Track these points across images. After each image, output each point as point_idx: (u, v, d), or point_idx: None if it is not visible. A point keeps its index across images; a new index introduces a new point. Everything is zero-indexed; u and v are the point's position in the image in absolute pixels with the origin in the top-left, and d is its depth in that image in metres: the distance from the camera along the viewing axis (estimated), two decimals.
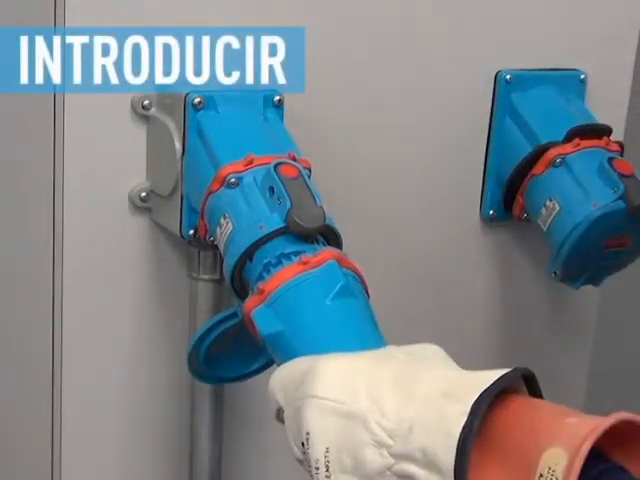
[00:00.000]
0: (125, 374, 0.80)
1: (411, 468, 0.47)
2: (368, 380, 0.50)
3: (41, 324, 0.78)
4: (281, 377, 0.55)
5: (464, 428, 0.44)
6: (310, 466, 0.50)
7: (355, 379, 0.51)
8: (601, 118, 0.88)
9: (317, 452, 0.50)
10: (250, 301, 0.61)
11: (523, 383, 0.48)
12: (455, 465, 0.44)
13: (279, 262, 0.61)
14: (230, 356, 0.72)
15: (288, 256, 0.62)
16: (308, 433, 0.50)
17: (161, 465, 0.84)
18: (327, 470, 0.49)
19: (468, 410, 0.45)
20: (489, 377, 0.46)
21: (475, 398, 0.45)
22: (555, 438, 0.42)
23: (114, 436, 0.82)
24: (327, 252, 0.61)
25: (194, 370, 0.72)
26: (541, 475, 0.42)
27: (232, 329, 0.70)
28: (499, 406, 0.46)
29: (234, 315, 0.69)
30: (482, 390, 0.45)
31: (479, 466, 0.45)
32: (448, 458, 0.44)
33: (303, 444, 0.50)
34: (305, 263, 0.60)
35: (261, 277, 0.61)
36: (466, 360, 0.53)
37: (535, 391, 0.48)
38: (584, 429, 0.42)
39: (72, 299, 0.77)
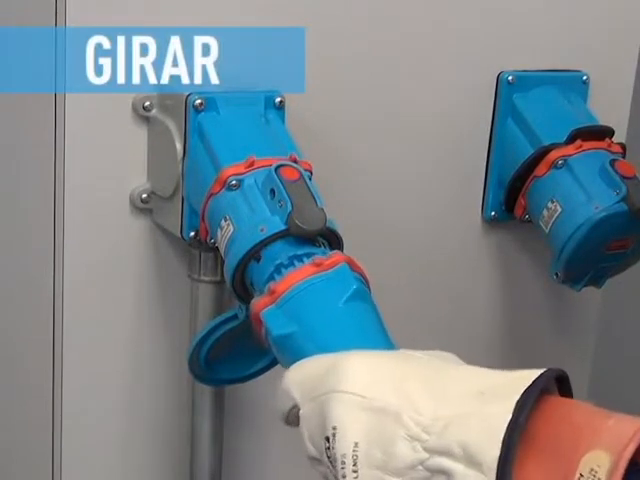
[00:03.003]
0: (125, 375, 0.80)
1: (446, 462, 0.46)
2: (395, 377, 0.50)
3: (41, 325, 0.78)
4: (299, 373, 0.54)
5: (510, 423, 0.44)
6: (334, 461, 0.49)
7: (382, 376, 0.50)
8: (603, 119, 0.88)
9: (345, 446, 0.49)
10: (260, 302, 0.60)
11: (554, 383, 0.48)
12: (499, 460, 0.44)
13: (291, 263, 0.61)
14: (231, 358, 0.72)
15: (300, 257, 0.61)
16: (335, 428, 0.49)
17: (161, 466, 0.84)
18: (354, 464, 0.48)
19: (513, 406, 0.45)
20: (525, 376, 0.46)
21: (520, 394, 0.45)
22: (597, 440, 0.43)
23: (114, 437, 0.82)
24: (338, 255, 0.61)
25: (195, 372, 0.72)
26: (581, 475, 0.42)
27: (233, 331, 0.70)
28: (535, 405, 0.46)
29: (235, 317, 0.69)
30: (526, 387, 0.45)
31: (518, 463, 0.45)
32: (491, 453, 0.44)
33: (328, 439, 0.49)
34: (318, 265, 0.60)
35: (272, 278, 0.61)
36: (468, 361, 0.52)
37: (565, 392, 0.48)
38: (626, 431, 0.42)
39: (73, 300, 0.76)
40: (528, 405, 0.45)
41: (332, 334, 0.58)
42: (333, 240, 0.64)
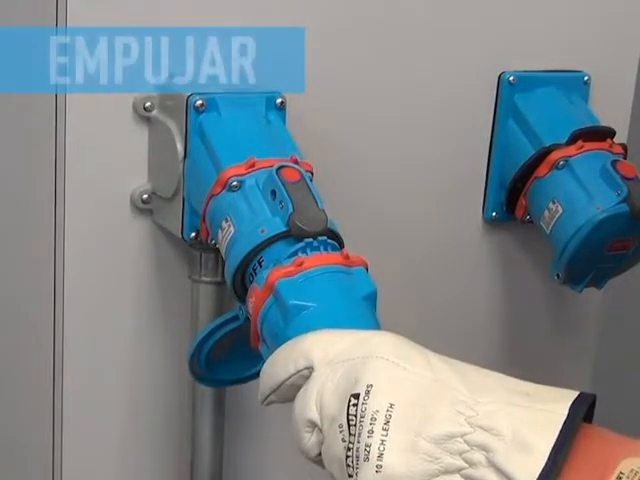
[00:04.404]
0: (126, 376, 0.80)
1: (491, 440, 0.45)
2: (427, 361, 0.50)
3: (42, 325, 0.78)
4: (321, 338, 0.53)
5: (567, 421, 0.44)
6: (362, 417, 0.48)
7: (414, 356, 0.50)
8: (605, 120, 0.88)
9: (379, 404, 0.48)
10: (279, 270, 0.60)
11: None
12: (553, 448, 0.44)
13: (323, 247, 0.62)
14: (231, 359, 0.72)
15: (333, 245, 0.62)
16: (371, 385, 0.48)
17: (162, 467, 0.84)
18: (386, 423, 0.47)
19: (567, 408, 0.45)
20: (564, 391, 0.47)
21: (571, 401, 0.46)
22: (634, 450, 0.43)
23: (114, 437, 0.82)
24: (359, 257, 0.63)
25: (195, 373, 0.72)
26: (622, 473, 0.42)
27: (234, 332, 0.70)
28: None
29: (236, 318, 0.69)
30: (575, 396, 0.46)
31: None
32: (545, 441, 0.44)
33: (357, 396, 0.49)
34: (346, 257, 0.61)
35: (304, 251, 0.61)
36: (467, 362, 0.52)
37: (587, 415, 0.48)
38: None
39: (73, 300, 0.76)
40: (581, 413, 0.45)
41: (351, 320, 0.58)
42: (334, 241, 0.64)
